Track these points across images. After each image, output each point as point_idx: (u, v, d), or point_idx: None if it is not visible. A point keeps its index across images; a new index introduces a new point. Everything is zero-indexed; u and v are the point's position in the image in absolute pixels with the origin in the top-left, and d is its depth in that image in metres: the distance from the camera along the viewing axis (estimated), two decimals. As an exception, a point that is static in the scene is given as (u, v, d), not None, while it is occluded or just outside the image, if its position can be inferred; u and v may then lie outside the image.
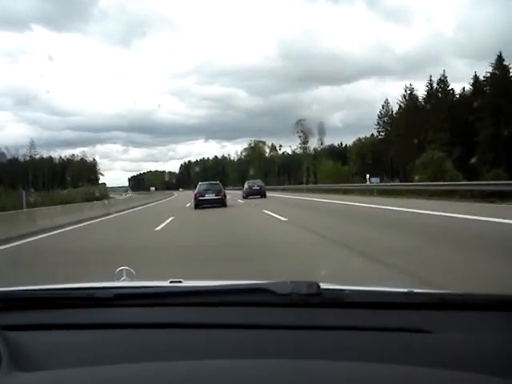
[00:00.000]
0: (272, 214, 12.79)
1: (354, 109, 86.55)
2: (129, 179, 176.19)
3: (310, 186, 49.98)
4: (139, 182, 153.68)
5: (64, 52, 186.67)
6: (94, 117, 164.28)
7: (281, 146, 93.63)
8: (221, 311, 1.08)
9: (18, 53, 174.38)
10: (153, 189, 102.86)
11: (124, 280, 1.48)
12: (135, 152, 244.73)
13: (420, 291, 1.15)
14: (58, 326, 1.06)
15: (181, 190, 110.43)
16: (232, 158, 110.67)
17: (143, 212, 19.68)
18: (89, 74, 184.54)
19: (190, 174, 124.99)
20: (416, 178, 33.44)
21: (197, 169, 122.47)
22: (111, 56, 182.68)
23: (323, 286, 1.07)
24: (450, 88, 58.11)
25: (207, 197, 19.80)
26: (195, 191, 20.30)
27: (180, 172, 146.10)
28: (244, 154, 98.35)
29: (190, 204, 20.55)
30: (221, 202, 18.73)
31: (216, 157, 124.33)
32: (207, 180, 26.00)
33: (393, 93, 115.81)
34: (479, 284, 3.51)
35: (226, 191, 19.78)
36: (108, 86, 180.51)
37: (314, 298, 1.06)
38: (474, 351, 0.86)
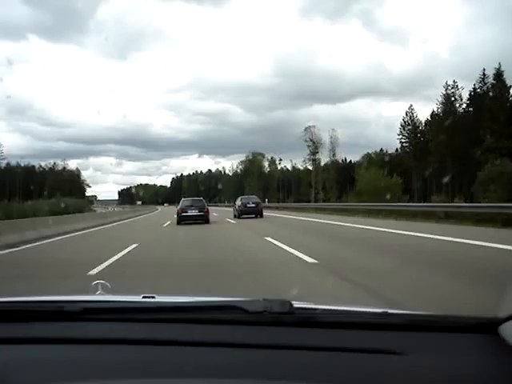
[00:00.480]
0: (284, 246, 8.70)
1: (349, 128, 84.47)
2: (119, 192, 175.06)
3: (319, 203, 47.64)
4: (129, 196, 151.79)
5: (59, 63, 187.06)
6: (88, 129, 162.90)
7: (281, 159, 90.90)
8: (191, 328, 1.08)
9: (14, 62, 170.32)
10: (139, 203, 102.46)
11: (98, 294, 1.45)
12: (129, 165, 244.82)
13: (394, 312, 1.15)
14: (24, 340, 1.04)
15: (166, 205, 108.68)
16: (227, 171, 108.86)
17: (105, 232, 16.57)
18: (84, 85, 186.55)
19: (181, 188, 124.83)
20: (483, 195, 29.00)
21: (186, 184, 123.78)
22: (107, 68, 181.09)
23: (296, 304, 1.06)
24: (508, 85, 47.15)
25: (190, 213, 20.06)
26: (178, 207, 20.55)
27: (171, 186, 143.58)
28: (240, 167, 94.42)
29: (169, 222, 18.99)
30: (204, 218, 19.18)
31: (210, 170, 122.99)
32: (199, 195, 28.77)
33: (387, 113, 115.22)
34: None
35: (218, 208, 22.05)
36: (103, 99, 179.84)
37: (286, 317, 1.06)
38: (447, 374, 0.87)
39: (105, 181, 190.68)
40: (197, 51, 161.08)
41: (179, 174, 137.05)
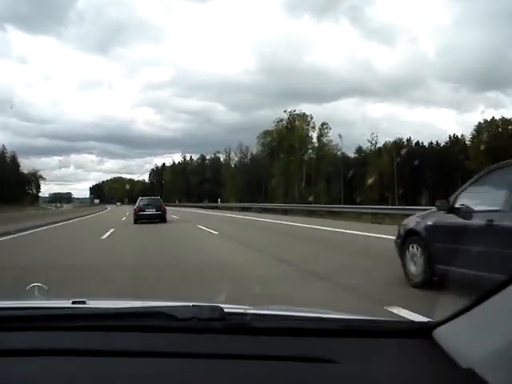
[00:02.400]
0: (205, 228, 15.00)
1: (334, 128, 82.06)
2: (90, 189, 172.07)
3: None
4: (99, 192, 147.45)
5: (39, 56, 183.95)
6: (69, 125, 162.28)
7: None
8: (120, 336, 1.07)
9: None
10: (97, 201, 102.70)
11: (35, 297, 1.47)
12: (110, 163, 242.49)
13: (329, 317, 1.19)
14: None
15: (118, 204, 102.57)
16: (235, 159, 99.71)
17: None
18: (64, 79, 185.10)
19: (161, 183, 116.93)
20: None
21: (169, 177, 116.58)
22: (87, 62, 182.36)
23: (227, 309, 1.07)
24: None
25: (147, 212, 20.52)
26: (135, 206, 21.28)
27: (150, 180, 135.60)
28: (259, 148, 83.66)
29: (112, 231, 15.52)
30: (160, 217, 19.91)
31: (204, 157, 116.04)
32: (190, 192, 31.84)
33: (372, 114, 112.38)
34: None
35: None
36: (84, 94, 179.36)
37: (216, 323, 1.06)
38: (383, 380, 0.91)
39: (86, 178, 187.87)
40: (180, 47, 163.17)
41: (159, 165, 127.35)
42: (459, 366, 0.91)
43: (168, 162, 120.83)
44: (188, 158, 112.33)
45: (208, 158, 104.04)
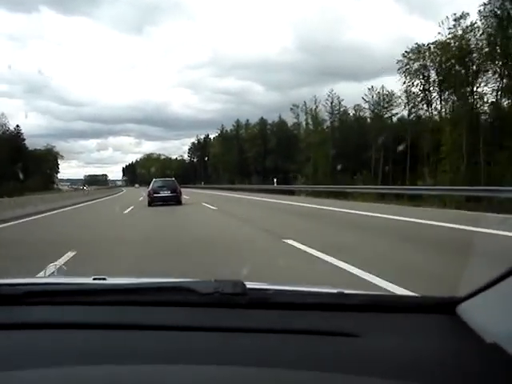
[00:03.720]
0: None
1: None
2: (123, 169, 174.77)
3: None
4: (132, 173, 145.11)
5: (73, 37, 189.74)
6: (107, 108, 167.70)
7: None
8: (139, 310, 1.12)
9: (27, 37, 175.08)
10: (137, 186, 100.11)
11: (48, 276, 1.52)
12: (148, 145, 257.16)
13: (351, 292, 1.22)
14: None
15: (137, 186, 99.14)
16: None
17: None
18: (100, 62, 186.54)
19: (204, 160, 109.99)
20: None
21: (218, 149, 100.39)
22: (122, 43, 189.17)
23: (250, 285, 1.12)
24: None
25: (162, 194, 21.17)
26: (149, 188, 22.01)
27: (190, 158, 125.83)
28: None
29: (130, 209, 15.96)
30: (176, 200, 20.53)
31: (264, 120, 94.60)
32: (258, 170, 29.44)
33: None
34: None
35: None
36: (120, 76, 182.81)
37: (238, 298, 1.10)
38: (405, 355, 0.93)
39: (124, 161, 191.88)
40: (216, 26, 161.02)
41: (202, 136, 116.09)
42: (484, 340, 0.93)
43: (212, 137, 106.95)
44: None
45: (270, 122, 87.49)
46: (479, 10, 41.37)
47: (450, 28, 43.72)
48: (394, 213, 11.83)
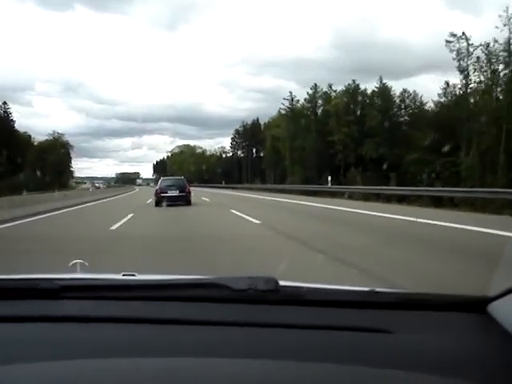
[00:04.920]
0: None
1: None
2: (154, 166, 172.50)
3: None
4: (163, 170, 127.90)
5: (106, 35, 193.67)
6: (141, 106, 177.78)
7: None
8: (174, 306, 1.26)
9: (62, 36, 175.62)
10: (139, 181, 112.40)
11: (77, 273, 1.71)
12: (182, 144, 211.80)
13: (381, 290, 1.37)
14: None
15: (152, 184, 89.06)
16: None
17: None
18: (134, 60, 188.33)
19: (257, 151, 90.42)
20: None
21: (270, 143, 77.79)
22: (156, 41, 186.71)
23: (282, 283, 1.27)
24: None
25: (170, 193, 22.24)
26: (157, 187, 24.11)
27: (233, 148, 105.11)
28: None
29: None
30: (184, 200, 22.47)
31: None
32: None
33: None
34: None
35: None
36: (154, 74, 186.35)
37: (271, 295, 1.21)
38: (436, 352, 1.04)
39: (158, 159, 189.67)
40: (250, 23, 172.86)
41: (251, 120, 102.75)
42: None
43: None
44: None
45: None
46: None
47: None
48: None
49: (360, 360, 0.96)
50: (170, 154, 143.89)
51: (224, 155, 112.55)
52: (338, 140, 59.98)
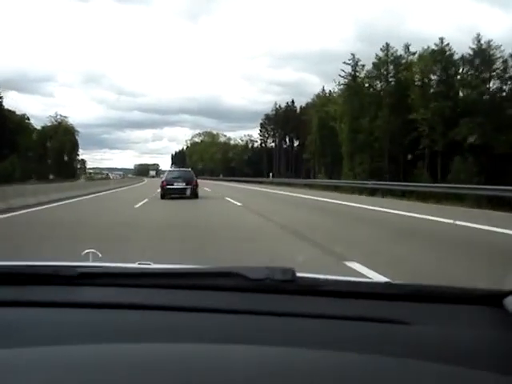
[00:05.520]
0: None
1: None
2: (172, 157, 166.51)
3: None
4: (182, 160, 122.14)
5: (128, 26, 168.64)
6: (163, 98, 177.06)
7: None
8: (191, 294, 1.34)
9: (84, 27, 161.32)
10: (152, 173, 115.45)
11: (94, 261, 1.84)
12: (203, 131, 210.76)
13: (397, 283, 1.45)
14: (18, 303, 1.30)
15: (152, 173, 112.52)
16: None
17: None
18: (155, 52, 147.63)
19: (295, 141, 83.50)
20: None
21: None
22: (178, 33, 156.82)
23: (299, 274, 1.36)
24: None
25: (176, 186, 22.31)
26: (163, 179, 25.07)
27: (262, 136, 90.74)
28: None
29: None
30: (191, 193, 22.81)
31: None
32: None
33: None
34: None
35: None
36: (175, 66, 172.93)
37: (288, 285, 1.28)
38: (451, 344, 1.10)
39: (178, 150, 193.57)
40: (272, 15, 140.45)
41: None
42: None
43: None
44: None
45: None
46: None
47: None
48: None
49: (379, 350, 1.02)
50: (189, 144, 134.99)
51: (251, 144, 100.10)
52: (421, 120, 45.25)
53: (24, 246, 7.33)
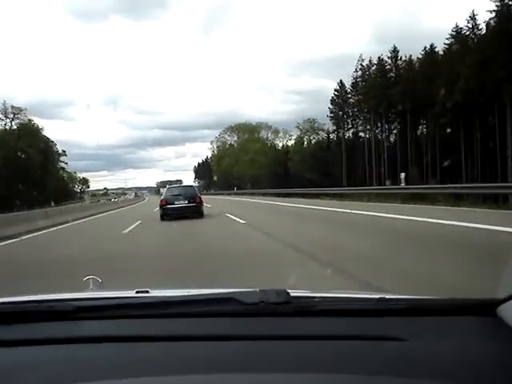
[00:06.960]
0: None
1: None
2: (195, 169, 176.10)
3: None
4: (207, 173, 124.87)
5: (143, 43, 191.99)
6: (181, 115, 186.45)
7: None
8: (187, 322, 1.37)
9: (100, 48, 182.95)
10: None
11: (90, 290, 1.83)
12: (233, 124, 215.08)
13: (392, 297, 1.48)
14: (14, 343, 1.29)
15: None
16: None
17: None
18: (171, 68, 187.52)
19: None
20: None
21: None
22: (193, 47, 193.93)
23: (293, 293, 1.39)
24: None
25: (177, 204, 19.61)
26: (161, 197, 22.02)
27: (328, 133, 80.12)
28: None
29: None
30: (195, 211, 20.26)
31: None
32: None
33: None
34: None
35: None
36: (192, 82, 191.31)
37: (283, 307, 1.30)
38: (448, 358, 1.10)
39: (200, 162, 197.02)
40: (286, 23, 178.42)
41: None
42: None
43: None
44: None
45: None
46: None
47: None
48: None
49: (378, 368, 1.02)
50: (215, 150, 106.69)
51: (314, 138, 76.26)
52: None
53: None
